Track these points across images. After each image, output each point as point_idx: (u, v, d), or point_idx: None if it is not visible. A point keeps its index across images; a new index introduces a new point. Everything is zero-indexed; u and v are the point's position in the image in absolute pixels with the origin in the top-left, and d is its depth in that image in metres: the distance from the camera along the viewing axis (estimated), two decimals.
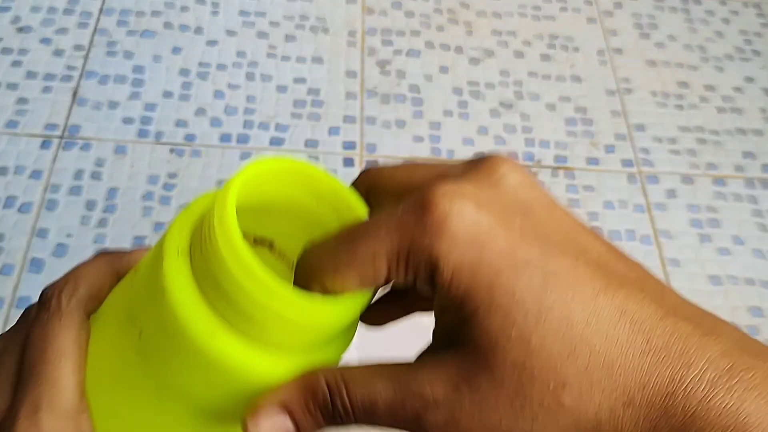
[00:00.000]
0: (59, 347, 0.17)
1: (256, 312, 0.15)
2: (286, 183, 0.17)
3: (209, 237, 0.15)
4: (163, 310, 0.15)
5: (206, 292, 0.15)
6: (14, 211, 0.54)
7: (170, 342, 0.16)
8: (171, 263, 0.16)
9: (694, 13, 0.75)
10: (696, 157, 0.64)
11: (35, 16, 0.65)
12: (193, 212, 0.17)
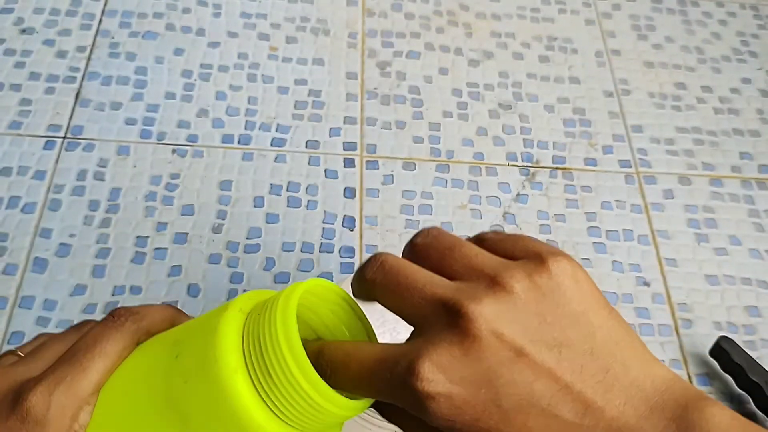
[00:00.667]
0: (105, 349, 0.21)
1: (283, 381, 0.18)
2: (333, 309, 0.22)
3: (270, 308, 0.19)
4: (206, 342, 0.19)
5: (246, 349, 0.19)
6: (17, 211, 0.54)
7: (199, 367, 0.19)
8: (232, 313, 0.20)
9: (692, 15, 0.75)
10: (693, 158, 0.65)
11: (38, 17, 0.65)
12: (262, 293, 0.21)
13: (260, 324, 0.19)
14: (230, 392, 0.19)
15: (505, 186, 0.61)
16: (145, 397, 0.20)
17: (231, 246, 0.55)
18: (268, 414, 0.19)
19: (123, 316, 0.22)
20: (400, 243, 0.56)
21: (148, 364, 0.21)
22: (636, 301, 0.56)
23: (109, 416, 0.21)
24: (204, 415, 0.19)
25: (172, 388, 0.20)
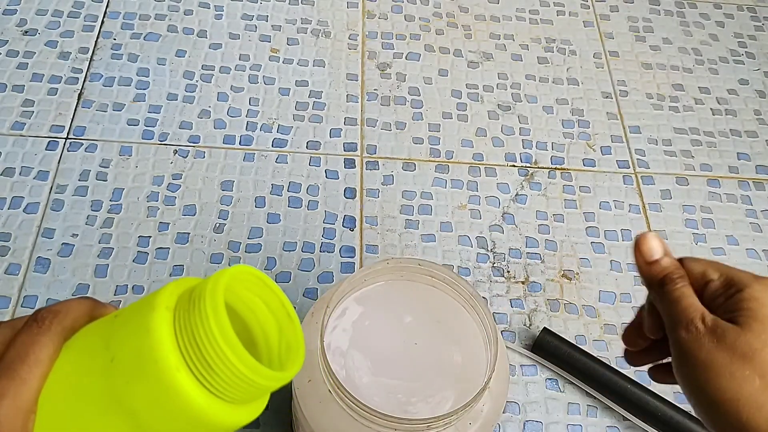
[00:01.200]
0: (38, 357, 0.21)
1: (217, 363, 0.20)
2: (250, 288, 0.24)
3: (200, 305, 0.21)
4: (143, 344, 0.21)
5: (181, 342, 0.21)
6: (20, 211, 0.55)
7: (139, 368, 0.21)
8: (160, 313, 0.21)
9: (689, 17, 0.76)
10: (691, 159, 0.65)
11: (41, 19, 0.66)
12: (180, 285, 0.23)
13: (191, 319, 0.21)
14: (176, 389, 0.20)
15: (504, 186, 0.61)
16: (87, 398, 0.21)
17: (232, 245, 0.55)
18: (210, 398, 0.21)
19: (47, 319, 0.22)
20: (399, 243, 0.57)
21: (83, 366, 0.22)
22: (634, 300, 0.56)
23: (54, 421, 0.21)
24: (152, 409, 0.21)
25: (115, 389, 0.21)
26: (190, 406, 0.21)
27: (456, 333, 0.40)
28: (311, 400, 0.36)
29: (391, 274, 0.40)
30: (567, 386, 0.52)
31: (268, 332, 0.24)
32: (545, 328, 0.52)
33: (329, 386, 0.35)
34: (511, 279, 0.56)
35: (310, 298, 0.53)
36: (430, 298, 0.41)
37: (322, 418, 0.36)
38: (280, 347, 0.24)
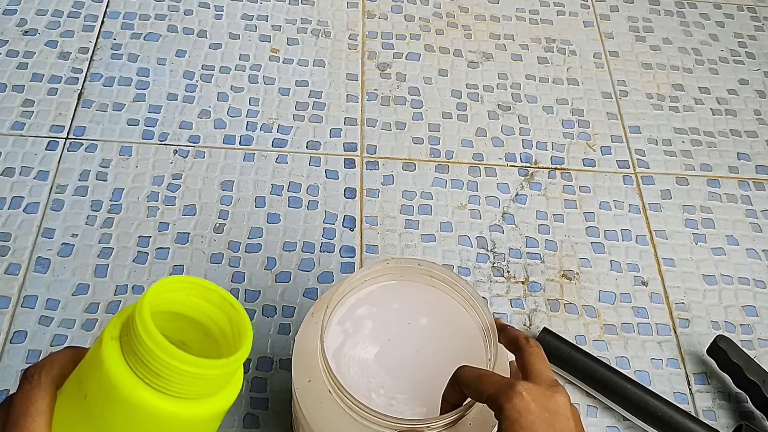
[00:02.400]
0: (37, 408, 0.24)
1: (162, 370, 0.23)
2: (190, 294, 0.26)
3: (133, 325, 0.23)
4: (101, 376, 0.23)
5: (131, 362, 0.23)
6: (20, 211, 0.55)
7: (106, 397, 0.23)
8: (107, 344, 0.24)
9: (689, 17, 0.76)
10: (691, 159, 0.65)
11: (40, 19, 0.66)
12: (123, 314, 0.25)
13: (131, 341, 0.23)
14: (140, 405, 0.23)
15: (504, 186, 0.61)
16: (85, 421, 0.25)
17: (232, 246, 0.55)
18: (174, 401, 0.24)
19: (35, 374, 0.25)
20: (399, 243, 0.57)
21: (70, 408, 0.25)
22: (634, 300, 0.56)
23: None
24: (131, 428, 0.24)
25: (96, 421, 0.24)
26: (159, 415, 0.23)
27: (456, 333, 0.39)
28: (311, 401, 0.36)
29: (391, 274, 0.40)
30: (567, 386, 0.52)
31: (221, 325, 0.27)
32: (545, 328, 0.52)
33: (329, 386, 0.35)
34: (511, 279, 0.56)
35: (310, 298, 0.53)
36: (430, 298, 0.40)
37: (322, 418, 0.36)
38: (234, 335, 0.26)
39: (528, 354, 0.35)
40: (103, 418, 0.24)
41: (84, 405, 0.24)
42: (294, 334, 0.51)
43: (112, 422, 0.24)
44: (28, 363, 0.48)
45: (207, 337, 0.27)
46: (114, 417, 0.24)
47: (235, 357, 0.25)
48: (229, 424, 0.48)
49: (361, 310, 0.40)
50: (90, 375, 0.24)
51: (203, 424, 0.25)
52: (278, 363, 0.50)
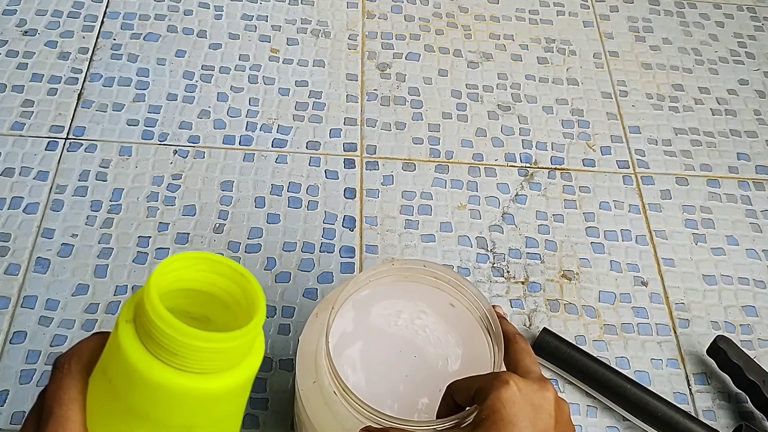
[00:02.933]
0: (70, 396, 0.25)
1: (177, 348, 0.23)
2: (199, 269, 0.26)
3: (143, 306, 0.23)
4: (120, 359, 0.24)
5: (145, 343, 0.24)
6: (20, 212, 0.55)
7: (128, 379, 0.24)
8: (122, 328, 0.24)
9: (689, 17, 0.76)
10: (690, 159, 0.65)
11: (40, 19, 0.66)
12: (136, 296, 0.25)
13: (143, 322, 0.24)
14: (160, 384, 0.24)
15: (503, 186, 0.61)
16: (114, 416, 0.25)
17: (232, 246, 0.55)
18: (193, 377, 0.24)
19: (65, 363, 0.26)
20: (399, 243, 0.57)
21: (99, 393, 0.26)
22: (634, 300, 0.56)
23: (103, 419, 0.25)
24: (155, 407, 0.24)
25: (123, 403, 0.25)
26: (182, 392, 0.24)
27: (460, 335, 0.39)
28: (316, 402, 0.36)
29: (396, 275, 0.40)
30: (567, 386, 0.52)
31: (235, 296, 0.26)
32: (545, 329, 0.52)
33: (334, 388, 0.35)
34: (510, 279, 0.56)
35: (310, 298, 0.53)
36: (435, 299, 0.40)
37: (327, 419, 0.36)
38: (248, 304, 0.26)
39: (515, 350, 0.35)
40: (129, 400, 0.24)
41: (111, 389, 0.25)
42: (294, 334, 0.51)
43: (138, 403, 0.24)
44: (28, 363, 0.48)
45: (227, 309, 0.27)
46: (139, 398, 0.24)
47: (248, 327, 0.24)
48: None
49: (365, 311, 0.40)
50: (111, 359, 0.25)
51: (230, 396, 0.25)
52: (278, 363, 0.50)
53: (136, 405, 0.24)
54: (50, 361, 0.48)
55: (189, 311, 0.27)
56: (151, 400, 0.24)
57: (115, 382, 0.24)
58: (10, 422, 0.46)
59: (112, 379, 0.25)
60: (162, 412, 0.24)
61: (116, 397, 0.25)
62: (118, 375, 0.24)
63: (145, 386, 0.24)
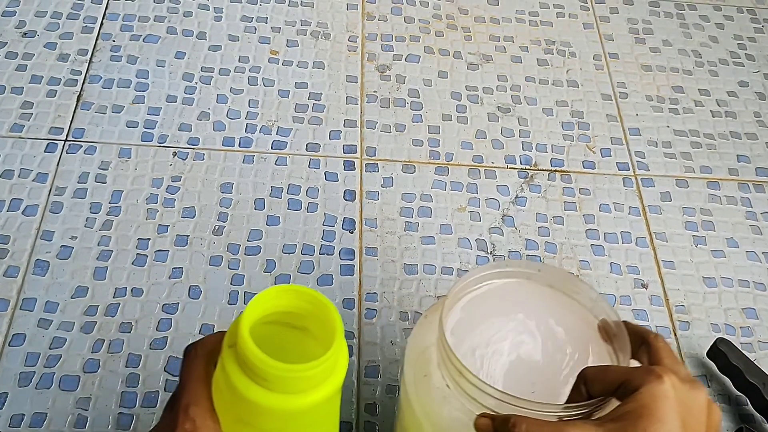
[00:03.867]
0: (198, 374, 0.31)
1: (267, 375, 0.27)
2: (289, 298, 0.30)
3: (237, 339, 0.28)
4: (226, 377, 0.29)
5: (242, 367, 0.28)
6: (19, 214, 0.54)
7: (231, 394, 0.29)
8: (226, 351, 0.29)
9: (689, 19, 0.76)
10: (690, 161, 0.65)
11: (39, 20, 0.66)
12: (236, 322, 0.29)
13: (239, 350, 0.28)
14: (255, 402, 0.28)
15: (503, 188, 0.61)
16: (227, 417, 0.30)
17: (232, 248, 0.55)
18: (281, 396, 0.28)
19: (193, 350, 0.32)
20: (399, 245, 0.57)
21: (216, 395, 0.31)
22: (634, 303, 0.56)
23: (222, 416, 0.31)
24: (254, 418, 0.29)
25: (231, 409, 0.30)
26: (275, 409, 0.28)
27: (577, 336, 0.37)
28: (428, 397, 0.35)
29: (509, 277, 0.39)
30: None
31: (317, 323, 0.30)
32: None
33: (448, 380, 0.33)
34: None
35: None
36: (549, 300, 0.38)
37: (442, 413, 0.34)
38: (328, 331, 0.29)
39: (657, 348, 0.32)
40: (234, 409, 0.30)
41: (222, 396, 0.30)
42: None
43: (241, 412, 0.29)
44: (27, 366, 0.48)
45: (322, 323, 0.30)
46: (241, 409, 0.29)
47: (324, 357, 0.28)
48: None
49: (478, 310, 0.38)
50: (220, 374, 0.30)
51: (318, 408, 0.29)
52: None
53: (240, 414, 0.29)
54: (49, 364, 0.48)
55: (291, 323, 0.31)
56: (251, 413, 0.29)
57: (225, 394, 0.30)
58: (9, 424, 0.46)
59: (224, 391, 0.30)
60: (260, 422, 0.29)
61: (226, 403, 0.30)
62: (225, 387, 0.29)
63: (244, 402, 0.28)
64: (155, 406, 0.47)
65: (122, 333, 0.50)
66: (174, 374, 0.49)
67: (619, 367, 0.32)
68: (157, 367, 0.49)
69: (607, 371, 0.31)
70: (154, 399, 0.48)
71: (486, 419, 0.32)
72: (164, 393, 0.48)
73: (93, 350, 0.49)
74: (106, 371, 0.48)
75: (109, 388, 0.48)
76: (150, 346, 0.50)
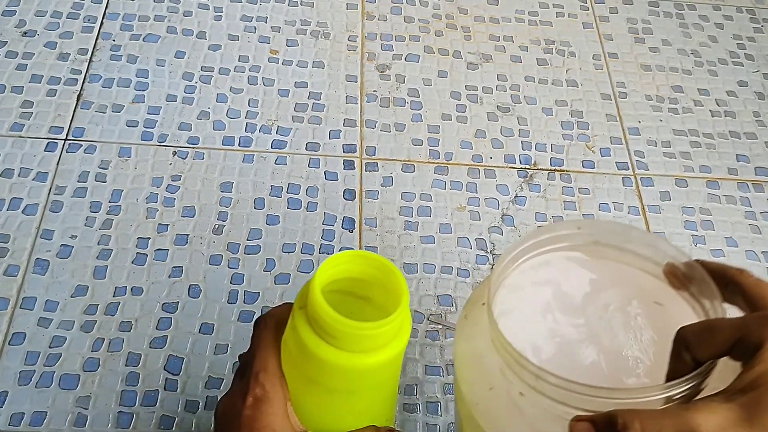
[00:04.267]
0: (267, 343, 0.32)
1: (336, 333, 0.29)
2: (357, 263, 0.32)
3: (309, 299, 0.30)
4: (296, 337, 0.31)
5: (313, 326, 0.30)
6: (19, 213, 0.55)
7: (302, 353, 0.31)
8: (296, 312, 0.31)
9: (688, 18, 0.76)
10: (690, 161, 0.65)
11: (39, 20, 0.66)
12: (306, 286, 0.31)
13: (310, 311, 0.30)
14: (325, 360, 0.30)
15: (503, 188, 0.61)
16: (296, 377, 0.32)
17: (231, 247, 0.55)
18: (350, 355, 0.30)
19: (262, 321, 0.33)
20: (399, 244, 0.57)
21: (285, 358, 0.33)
22: None
23: (291, 380, 0.32)
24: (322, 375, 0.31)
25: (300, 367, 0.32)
26: (343, 367, 0.30)
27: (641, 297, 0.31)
28: (498, 411, 0.30)
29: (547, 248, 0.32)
30: None
31: (386, 285, 0.32)
32: None
33: (520, 388, 0.28)
34: None
35: None
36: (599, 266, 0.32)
37: (516, 425, 0.29)
38: (395, 294, 0.31)
39: (750, 285, 0.27)
40: (303, 368, 0.31)
41: (291, 357, 0.32)
42: None
43: (310, 371, 0.31)
44: (27, 365, 0.48)
45: (386, 291, 0.32)
46: (310, 368, 0.31)
47: (391, 318, 0.29)
48: None
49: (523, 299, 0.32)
50: (290, 335, 0.31)
51: (383, 367, 0.31)
52: None
53: (309, 372, 0.31)
54: (49, 362, 0.48)
55: (354, 292, 0.33)
56: (319, 371, 0.31)
57: (293, 353, 0.31)
58: (9, 423, 0.46)
59: (292, 350, 0.31)
60: (328, 380, 0.31)
61: (295, 364, 0.32)
62: (295, 348, 0.31)
63: (314, 360, 0.30)
64: (155, 405, 0.47)
65: (122, 332, 0.50)
66: (174, 373, 0.49)
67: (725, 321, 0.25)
68: (156, 366, 0.49)
69: (713, 329, 0.25)
70: (153, 397, 0.48)
71: (585, 423, 0.25)
72: (164, 391, 0.48)
73: (93, 349, 0.49)
74: (105, 370, 0.48)
75: (109, 387, 0.48)
76: (150, 344, 0.50)
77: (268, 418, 0.31)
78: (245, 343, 0.35)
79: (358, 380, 0.31)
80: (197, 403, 0.48)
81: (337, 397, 0.32)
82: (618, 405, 0.25)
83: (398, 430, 0.35)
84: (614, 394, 0.25)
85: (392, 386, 0.35)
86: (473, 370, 0.32)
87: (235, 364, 0.50)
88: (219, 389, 0.49)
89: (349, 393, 0.32)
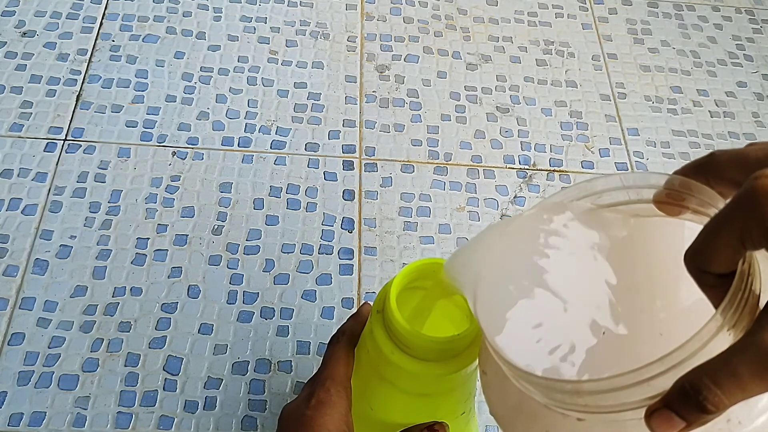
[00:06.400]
0: (340, 357, 0.35)
1: (408, 342, 0.31)
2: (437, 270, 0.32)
3: (385, 307, 0.32)
4: (373, 341, 0.33)
5: (389, 332, 0.32)
6: (18, 213, 0.55)
7: (378, 356, 0.32)
8: (374, 317, 0.33)
9: (687, 19, 0.76)
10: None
11: (39, 20, 0.66)
12: (383, 290, 0.33)
13: (387, 319, 0.31)
14: (399, 365, 0.31)
15: (502, 188, 0.61)
16: (366, 375, 0.34)
17: (231, 247, 0.55)
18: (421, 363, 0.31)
19: (338, 336, 0.36)
20: (398, 245, 0.57)
21: (360, 360, 0.35)
22: None
23: (357, 389, 0.35)
24: (397, 378, 0.33)
25: (377, 370, 0.33)
26: (413, 373, 0.31)
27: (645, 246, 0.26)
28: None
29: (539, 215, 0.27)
30: None
31: None
32: None
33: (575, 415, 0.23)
34: None
35: (308, 300, 0.53)
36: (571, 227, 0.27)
37: None
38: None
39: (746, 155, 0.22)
40: (380, 369, 0.33)
41: (369, 357, 0.34)
42: (293, 336, 0.51)
43: (385, 373, 0.33)
44: (26, 365, 0.48)
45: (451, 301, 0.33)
46: (386, 370, 0.33)
47: (463, 333, 0.30)
48: (226, 427, 0.48)
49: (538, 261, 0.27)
50: (368, 337, 0.33)
51: (455, 376, 0.32)
52: (277, 365, 0.50)
53: (384, 374, 0.33)
54: (48, 363, 0.48)
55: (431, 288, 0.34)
56: (394, 374, 0.32)
57: (371, 354, 0.33)
58: (8, 424, 0.46)
59: (370, 351, 0.33)
60: (402, 383, 0.33)
61: (371, 364, 0.34)
62: (372, 349, 0.33)
63: (389, 364, 0.32)
64: (154, 405, 0.47)
65: (121, 332, 0.50)
66: (173, 373, 0.49)
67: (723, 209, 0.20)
68: (155, 366, 0.49)
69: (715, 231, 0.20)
70: (152, 398, 0.48)
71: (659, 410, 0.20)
72: (163, 392, 0.48)
73: (92, 349, 0.49)
74: (105, 370, 0.48)
75: (108, 387, 0.48)
76: (149, 345, 0.50)
77: (326, 419, 0.32)
78: (244, 343, 0.35)
79: (431, 385, 0.33)
80: (196, 404, 0.48)
81: (409, 397, 0.34)
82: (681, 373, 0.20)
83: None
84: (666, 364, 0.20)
85: (469, 390, 0.37)
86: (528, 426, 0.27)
87: (234, 364, 0.50)
88: (218, 389, 0.49)
89: (420, 395, 0.34)
